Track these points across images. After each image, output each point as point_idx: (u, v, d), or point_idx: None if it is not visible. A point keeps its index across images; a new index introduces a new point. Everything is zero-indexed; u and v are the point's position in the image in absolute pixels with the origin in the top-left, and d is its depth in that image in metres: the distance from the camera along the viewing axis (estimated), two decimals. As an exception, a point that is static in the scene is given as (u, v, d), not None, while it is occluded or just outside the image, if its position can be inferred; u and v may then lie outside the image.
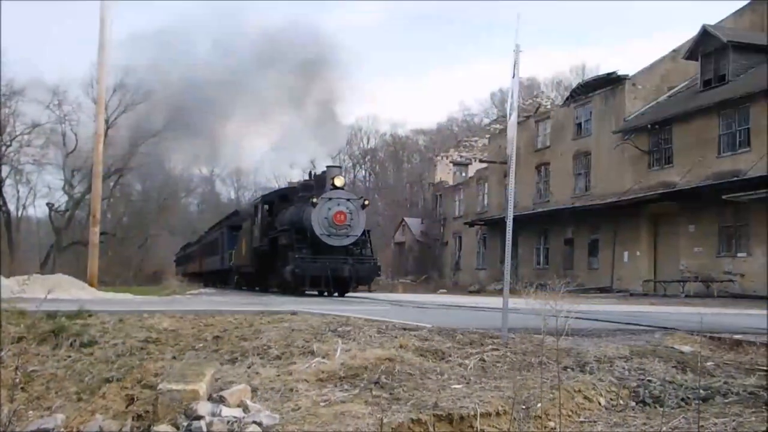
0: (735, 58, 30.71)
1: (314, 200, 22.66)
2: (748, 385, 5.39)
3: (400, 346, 6.58)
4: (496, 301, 14.33)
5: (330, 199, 22.93)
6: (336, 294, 22.89)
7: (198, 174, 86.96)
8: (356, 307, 13.98)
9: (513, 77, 7.37)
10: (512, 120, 7.53)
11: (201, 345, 7.22)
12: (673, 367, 6.14)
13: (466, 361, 6.13)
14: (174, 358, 6.76)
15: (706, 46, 31.97)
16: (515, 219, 8.04)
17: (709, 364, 6.27)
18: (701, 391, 5.12)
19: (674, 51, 35.56)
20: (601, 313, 12.43)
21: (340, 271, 22.14)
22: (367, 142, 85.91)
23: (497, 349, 6.58)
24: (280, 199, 28.80)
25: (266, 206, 29.11)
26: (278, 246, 25.38)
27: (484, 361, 6.18)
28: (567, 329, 5.47)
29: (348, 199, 23.39)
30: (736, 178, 27.01)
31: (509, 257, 7.39)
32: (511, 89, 7.48)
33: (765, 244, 26.81)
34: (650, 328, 8.89)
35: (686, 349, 6.91)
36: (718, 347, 6.93)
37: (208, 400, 5.20)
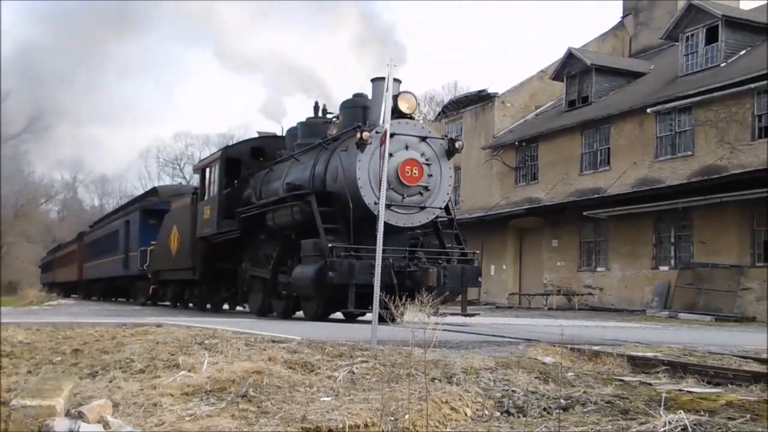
0: (598, 80, 32.12)
1: (365, 133, 13.04)
2: (605, 394, 5.59)
3: (269, 359, 6.48)
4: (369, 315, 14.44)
5: (391, 136, 12.15)
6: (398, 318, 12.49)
7: (60, 179, 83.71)
8: (223, 318, 13.74)
9: (386, 91, 7.43)
10: (387, 132, 7.58)
11: (59, 359, 6.90)
12: (535, 377, 6.30)
13: (336, 374, 6.10)
14: (29, 372, 6.43)
15: (571, 68, 33.29)
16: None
17: (569, 374, 6.48)
18: (562, 400, 5.28)
19: (542, 71, 36.88)
20: (469, 325, 12.68)
21: (421, 277, 12.69)
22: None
23: (366, 361, 6.58)
24: (253, 155, 19.17)
25: (225, 168, 18.78)
26: (264, 231, 16.55)
27: (353, 373, 6.17)
28: (435, 341, 5.54)
29: (424, 138, 13.78)
30: (596, 196, 28.23)
31: (379, 271, 7.42)
32: (384, 104, 7.54)
33: (622, 260, 28.13)
34: (515, 339, 9.13)
35: (548, 360, 7.13)
36: (578, 358, 7.18)
37: (66, 416, 4.96)
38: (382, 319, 11.72)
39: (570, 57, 33.27)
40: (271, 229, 16.05)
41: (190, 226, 20.61)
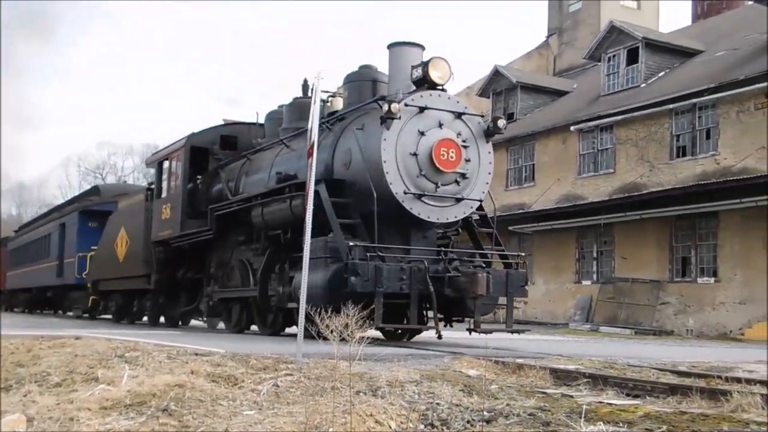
0: (523, 98, 32.69)
1: (393, 105, 10.64)
2: (528, 406, 5.65)
3: (191, 372, 6.37)
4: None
5: (422, 110, 11.06)
6: (441, 332, 10.88)
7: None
8: (146, 331, 13.45)
9: (314, 103, 7.41)
10: (314, 146, 7.55)
11: (-30, 372, 6.65)
12: (460, 390, 6.33)
13: (260, 387, 6.03)
14: (-62, 387, 6.18)
15: (497, 85, 33.79)
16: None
17: (493, 387, 6.53)
18: (485, 413, 5.32)
19: (468, 87, 37.32)
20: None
21: (467, 284, 10.53)
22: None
23: (291, 374, 6.53)
24: (223, 144, 16.80)
25: (190, 159, 16.28)
26: (243, 232, 14.40)
27: (277, 386, 6.10)
28: (360, 354, 5.53)
29: (460, 115, 11.47)
30: (521, 211, 28.66)
31: (305, 282, 7.38)
32: (312, 115, 7.52)
33: (546, 274, 28.60)
34: (440, 352, 9.18)
35: (473, 372, 7.18)
36: (502, 371, 7.24)
37: (-24, 432, 4.78)
38: (392, 335, 12.41)
39: (496, 74, 33.77)
40: (256, 229, 13.66)
41: (144, 228, 18.00)
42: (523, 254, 12.64)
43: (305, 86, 14.79)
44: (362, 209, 11.21)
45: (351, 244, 10.31)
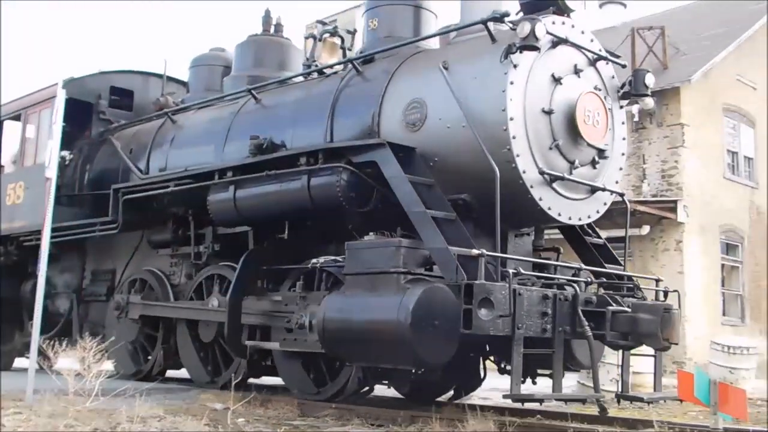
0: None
1: (537, 25, 6.62)
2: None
3: None
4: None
5: (555, 45, 7.25)
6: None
7: None
8: None
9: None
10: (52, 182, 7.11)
11: None
12: (205, 424, 6.21)
13: (-18, 428, 5.53)
14: None
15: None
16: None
17: (240, 420, 6.47)
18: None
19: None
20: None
21: (652, 327, 6.39)
22: None
23: (21, 413, 6.05)
24: (115, 100, 12.27)
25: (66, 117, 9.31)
26: (168, 229, 10.17)
27: (4, 426, 5.63)
28: (98, 390, 5.23)
29: (596, 60, 7.69)
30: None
31: (40, 305, 6.90)
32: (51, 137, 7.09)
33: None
34: (185, 387, 8.97)
35: (218, 406, 7.10)
36: (249, 404, 7.18)
37: None
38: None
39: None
40: (201, 223, 9.57)
41: None
42: (661, 279, 7.84)
43: (267, 19, 10.51)
44: (454, 196, 7.14)
45: (476, 252, 6.09)
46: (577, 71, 7.38)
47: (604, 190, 7.63)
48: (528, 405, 7.15)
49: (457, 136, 7.07)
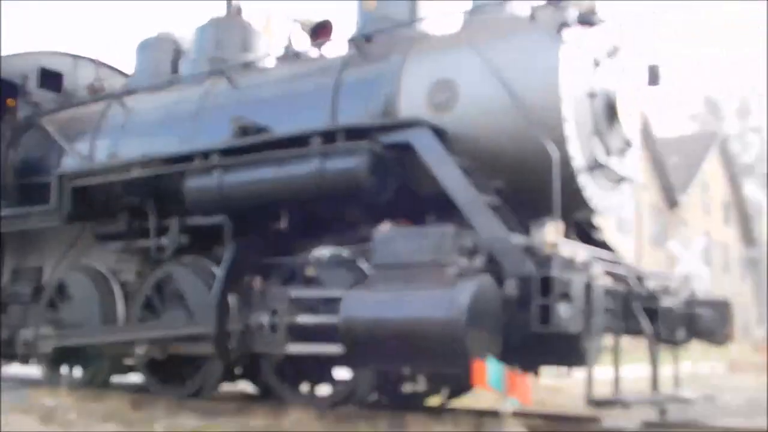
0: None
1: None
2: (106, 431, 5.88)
3: None
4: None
5: (592, 24, 6.86)
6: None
7: None
8: None
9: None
10: None
11: None
12: (37, 421, 6.31)
13: None
14: None
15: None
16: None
17: (72, 415, 6.61)
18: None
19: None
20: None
21: (704, 321, 6.60)
22: None
23: None
24: (44, 82, 11.00)
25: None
26: (123, 221, 8.47)
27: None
28: None
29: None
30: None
31: None
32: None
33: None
34: (13, 385, 8.85)
35: (51, 402, 7.17)
36: (82, 398, 7.30)
37: None
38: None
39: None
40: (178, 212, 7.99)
41: None
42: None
43: (229, 1, 9.83)
44: (499, 183, 6.67)
45: (551, 241, 5.91)
46: (610, 54, 7.07)
47: (633, 181, 7.33)
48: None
49: (496, 118, 6.60)
